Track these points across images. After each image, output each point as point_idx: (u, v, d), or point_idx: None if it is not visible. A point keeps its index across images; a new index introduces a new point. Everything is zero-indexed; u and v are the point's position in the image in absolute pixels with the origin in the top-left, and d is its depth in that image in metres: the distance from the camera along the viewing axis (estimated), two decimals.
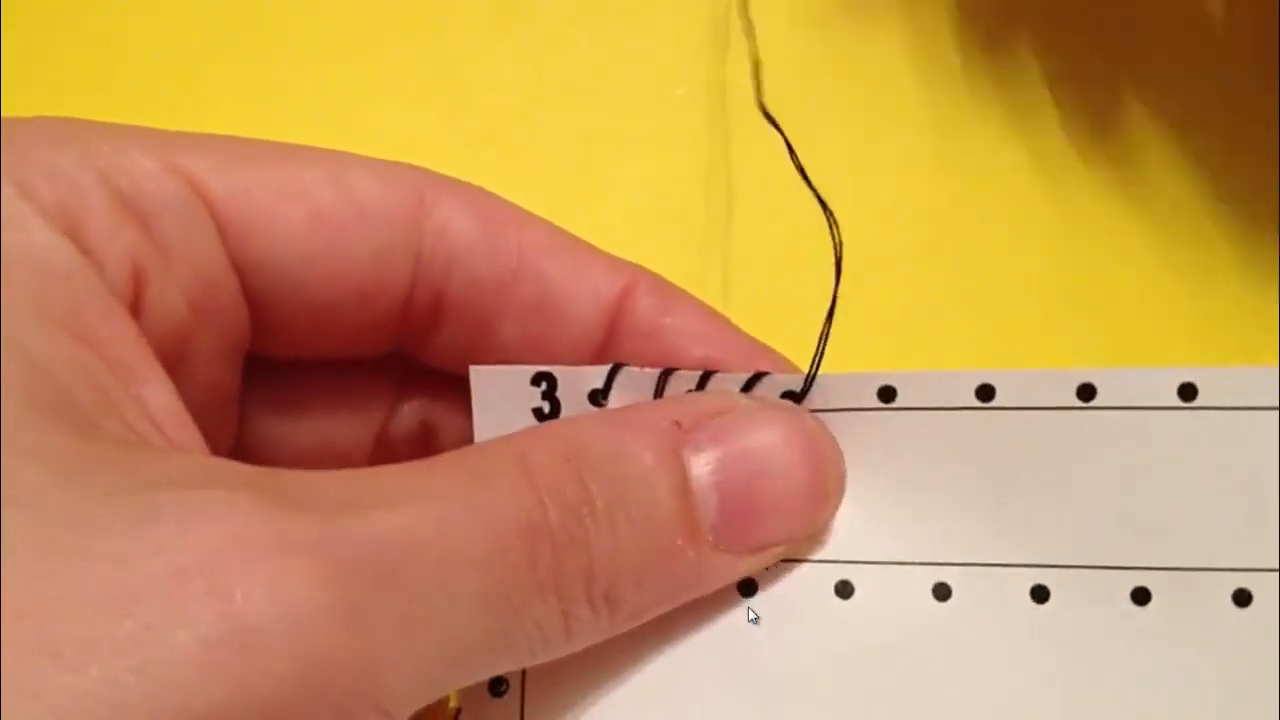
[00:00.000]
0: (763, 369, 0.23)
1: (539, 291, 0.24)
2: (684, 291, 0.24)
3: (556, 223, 0.25)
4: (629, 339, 0.24)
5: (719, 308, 0.25)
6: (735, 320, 0.25)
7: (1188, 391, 0.22)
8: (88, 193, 0.21)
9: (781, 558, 0.23)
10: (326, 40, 0.35)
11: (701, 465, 0.22)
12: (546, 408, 0.23)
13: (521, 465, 0.20)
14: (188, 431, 0.20)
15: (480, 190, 0.24)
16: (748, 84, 0.33)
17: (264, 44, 0.35)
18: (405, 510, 0.19)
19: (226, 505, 0.17)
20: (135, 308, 0.21)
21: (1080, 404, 0.22)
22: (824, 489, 0.23)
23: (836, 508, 0.23)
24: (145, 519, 0.17)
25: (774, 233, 0.32)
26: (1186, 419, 0.22)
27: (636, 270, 0.24)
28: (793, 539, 0.22)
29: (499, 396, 0.23)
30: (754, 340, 0.24)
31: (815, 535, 0.23)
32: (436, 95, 0.34)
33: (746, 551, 0.22)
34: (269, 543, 0.17)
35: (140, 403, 0.20)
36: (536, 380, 0.23)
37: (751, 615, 0.22)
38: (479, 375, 0.23)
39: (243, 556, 0.17)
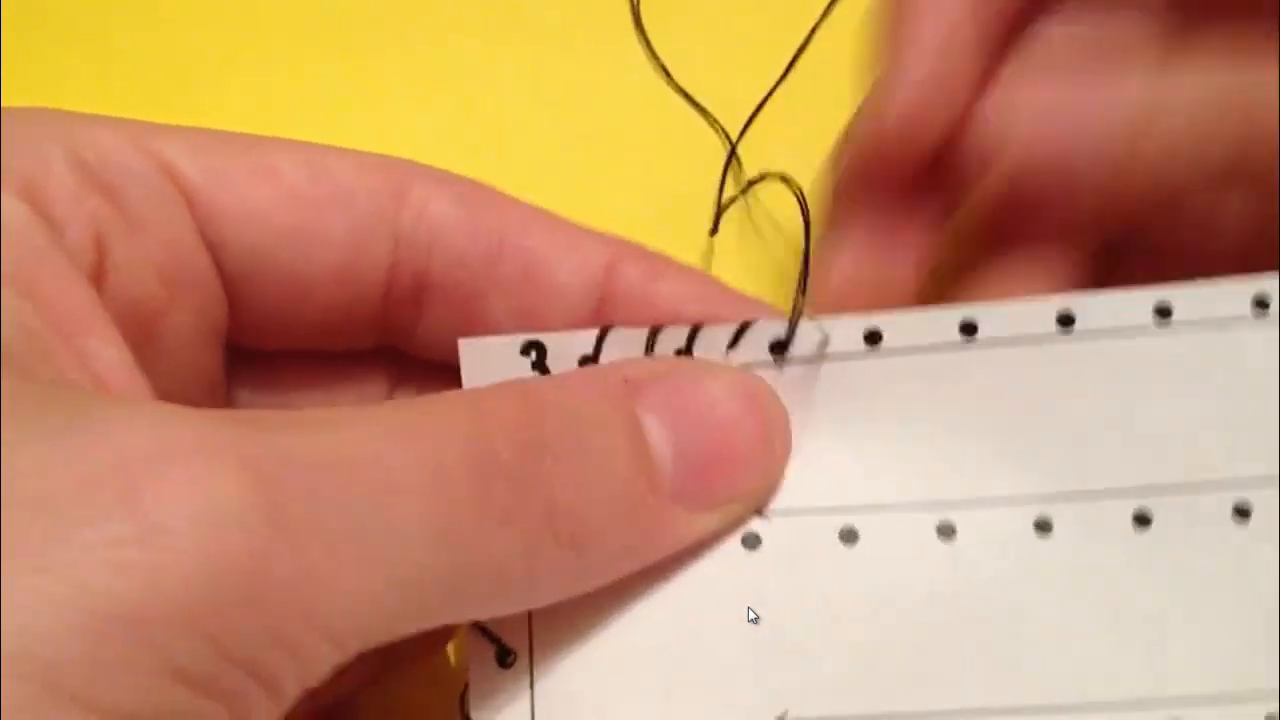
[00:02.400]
0: (756, 319, 0.23)
1: (524, 266, 0.24)
2: (670, 258, 0.25)
3: None
4: (621, 307, 0.24)
5: None
6: None
7: (1163, 311, 0.22)
8: (51, 161, 0.21)
9: (738, 516, 0.23)
10: (326, 42, 0.35)
11: (654, 421, 0.22)
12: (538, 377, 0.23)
13: (472, 406, 0.20)
14: (135, 384, 0.20)
15: (456, 175, 0.24)
16: (748, 89, 0.34)
17: (264, 45, 0.35)
18: (339, 432, 0.19)
19: (148, 416, 0.17)
20: (97, 274, 0.21)
21: (1060, 332, 0.22)
22: (771, 444, 0.23)
23: (785, 463, 0.23)
24: (63, 431, 0.17)
25: (773, 233, 0.33)
26: (1166, 338, 0.22)
27: (621, 243, 0.24)
28: (747, 495, 0.23)
29: (489, 367, 0.23)
30: (745, 297, 0.24)
31: (801, 484, 0.23)
32: (436, 98, 0.35)
33: (703, 508, 0.22)
34: (188, 446, 0.17)
35: (81, 354, 0.20)
36: (526, 350, 0.23)
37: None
38: (468, 346, 0.23)
39: (159, 459, 0.17)
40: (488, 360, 0.23)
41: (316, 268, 0.23)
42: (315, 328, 0.24)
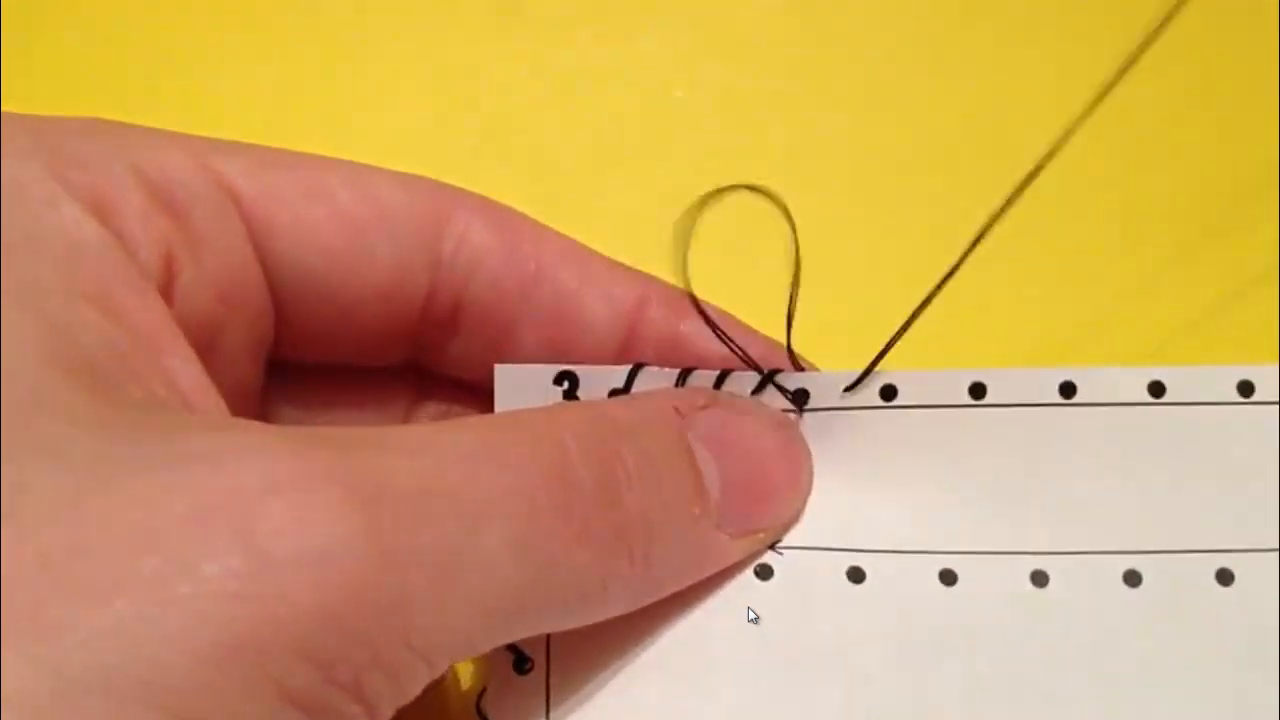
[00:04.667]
0: (781, 367, 0.25)
1: (557, 299, 0.25)
2: (696, 298, 0.25)
3: (555, 224, 0.25)
4: (647, 346, 0.25)
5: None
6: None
7: (1157, 389, 0.24)
8: (121, 181, 0.21)
9: (762, 545, 0.24)
10: (326, 41, 0.35)
11: (702, 449, 0.23)
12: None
13: (550, 424, 0.21)
14: (214, 403, 0.21)
15: (496, 203, 0.25)
16: (747, 85, 0.34)
17: (264, 44, 0.35)
18: (432, 457, 0.19)
19: (250, 446, 0.18)
20: (167, 293, 0.21)
21: (1062, 400, 0.24)
22: (800, 478, 0.24)
23: (807, 498, 0.24)
24: (169, 461, 0.17)
25: (769, 232, 0.33)
26: (1160, 413, 0.24)
27: (650, 279, 0.25)
28: (777, 525, 0.24)
29: (522, 394, 0.24)
30: (769, 340, 0.25)
31: (813, 525, 0.24)
32: (436, 96, 0.35)
33: (741, 534, 0.24)
34: (294, 477, 0.18)
35: (166, 373, 0.20)
36: (559, 379, 0.24)
37: (751, 615, 0.24)
38: (503, 373, 0.24)
39: (267, 491, 0.17)
40: (521, 386, 0.24)
41: (362, 288, 0.24)
42: (353, 344, 0.25)
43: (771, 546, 0.24)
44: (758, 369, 0.25)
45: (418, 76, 0.35)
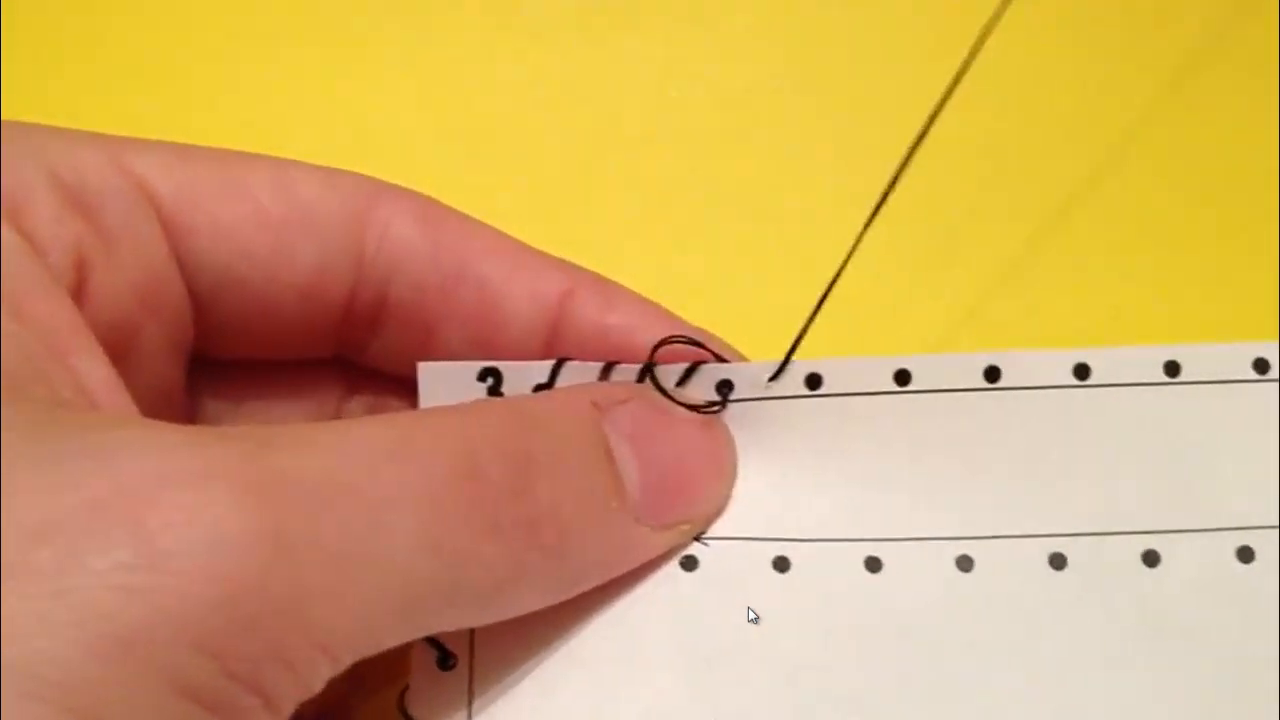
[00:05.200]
0: (705, 358, 0.25)
1: (480, 294, 0.25)
2: (625, 289, 0.26)
3: (549, 224, 0.25)
4: (573, 339, 0.25)
5: (712, 307, 0.26)
6: (732, 320, 0.26)
7: (1082, 371, 0.24)
8: (32, 183, 0.21)
9: (686, 537, 0.24)
10: (322, 44, 0.35)
11: (620, 443, 0.23)
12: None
13: (460, 420, 0.21)
14: (122, 403, 0.21)
15: (422, 196, 0.25)
16: (740, 84, 0.34)
17: (263, 44, 0.35)
18: (333, 452, 0.19)
19: (146, 442, 0.18)
20: (79, 294, 0.21)
21: (987, 385, 0.24)
22: (722, 472, 0.24)
23: (732, 490, 0.24)
24: (65, 457, 0.17)
25: (768, 233, 0.33)
26: (1084, 395, 0.24)
27: (577, 271, 0.25)
28: (699, 517, 0.24)
29: (446, 391, 0.24)
30: (697, 330, 0.25)
31: (739, 515, 0.24)
32: (431, 96, 0.35)
33: (662, 527, 0.24)
34: (188, 472, 0.18)
35: (73, 374, 0.20)
36: (483, 376, 0.24)
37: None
38: (427, 371, 0.24)
39: (160, 485, 0.17)
40: (445, 384, 0.24)
41: (282, 286, 0.24)
42: (276, 341, 0.25)
43: (697, 538, 0.24)
44: (682, 362, 0.24)
45: (412, 78, 0.35)
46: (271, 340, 0.25)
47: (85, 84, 0.34)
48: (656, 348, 0.24)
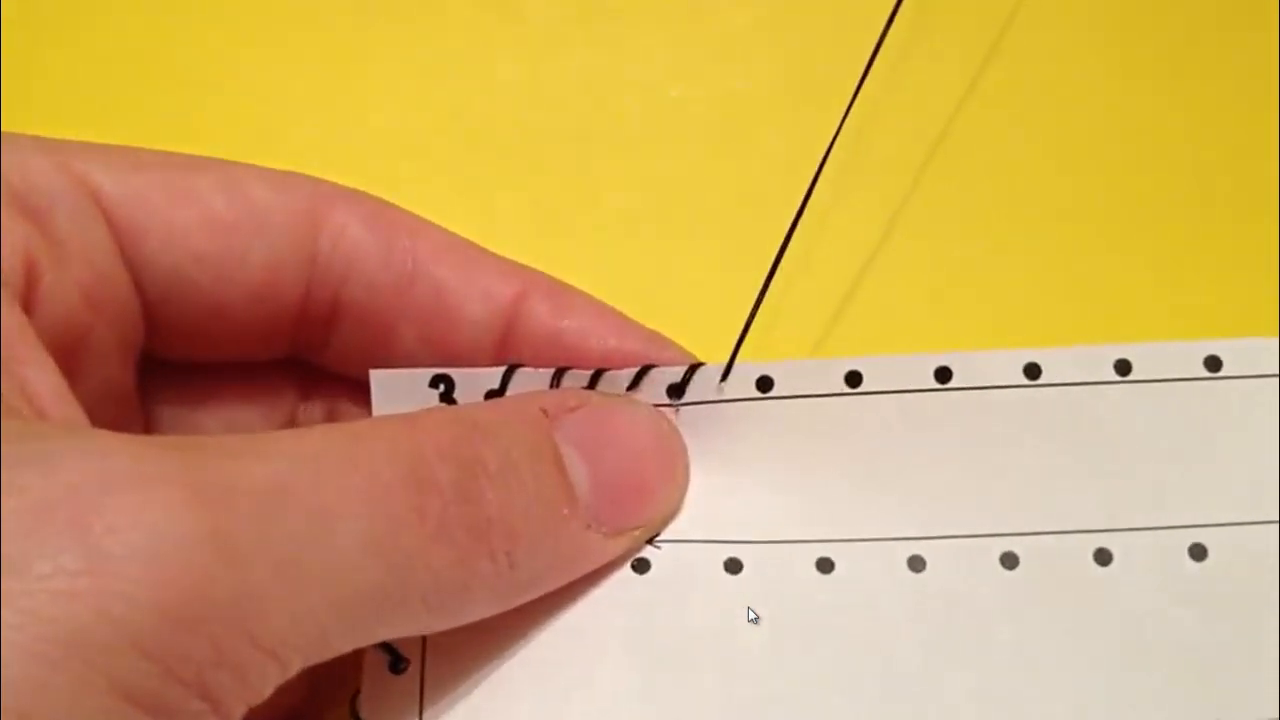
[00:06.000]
0: (657, 361, 0.25)
1: (433, 296, 0.25)
2: (580, 292, 0.26)
3: (550, 224, 0.26)
4: (526, 342, 0.25)
5: (709, 308, 0.26)
6: (728, 318, 0.25)
7: (1033, 370, 0.24)
8: None
9: (639, 542, 0.24)
10: (324, 42, 0.35)
11: (570, 450, 0.23)
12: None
13: (407, 429, 0.21)
14: (70, 411, 0.21)
15: (374, 199, 0.25)
16: (741, 84, 0.34)
17: (262, 45, 0.35)
18: (280, 459, 0.19)
19: (92, 447, 0.18)
20: (29, 297, 0.21)
21: (938, 386, 0.24)
22: (675, 474, 0.24)
23: (685, 493, 0.25)
24: (10, 462, 0.17)
25: (767, 233, 0.33)
26: (1035, 395, 0.24)
27: (531, 274, 0.25)
28: (652, 521, 0.24)
29: (398, 398, 0.24)
30: (651, 333, 0.25)
31: (691, 518, 0.24)
32: (432, 96, 0.34)
33: (615, 532, 0.24)
34: (134, 475, 0.18)
35: (19, 381, 0.20)
36: (435, 382, 0.24)
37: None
38: (379, 378, 0.24)
39: (104, 490, 0.17)
40: (398, 391, 0.24)
41: (233, 290, 0.24)
42: (229, 342, 0.25)
43: (649, 541, 0.24)
44: (632, 366, 0.25)
45: (414, 78, 0.35)
46: (225, 342, 0.25)
47: (85, 83, 0.34)
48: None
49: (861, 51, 0.28)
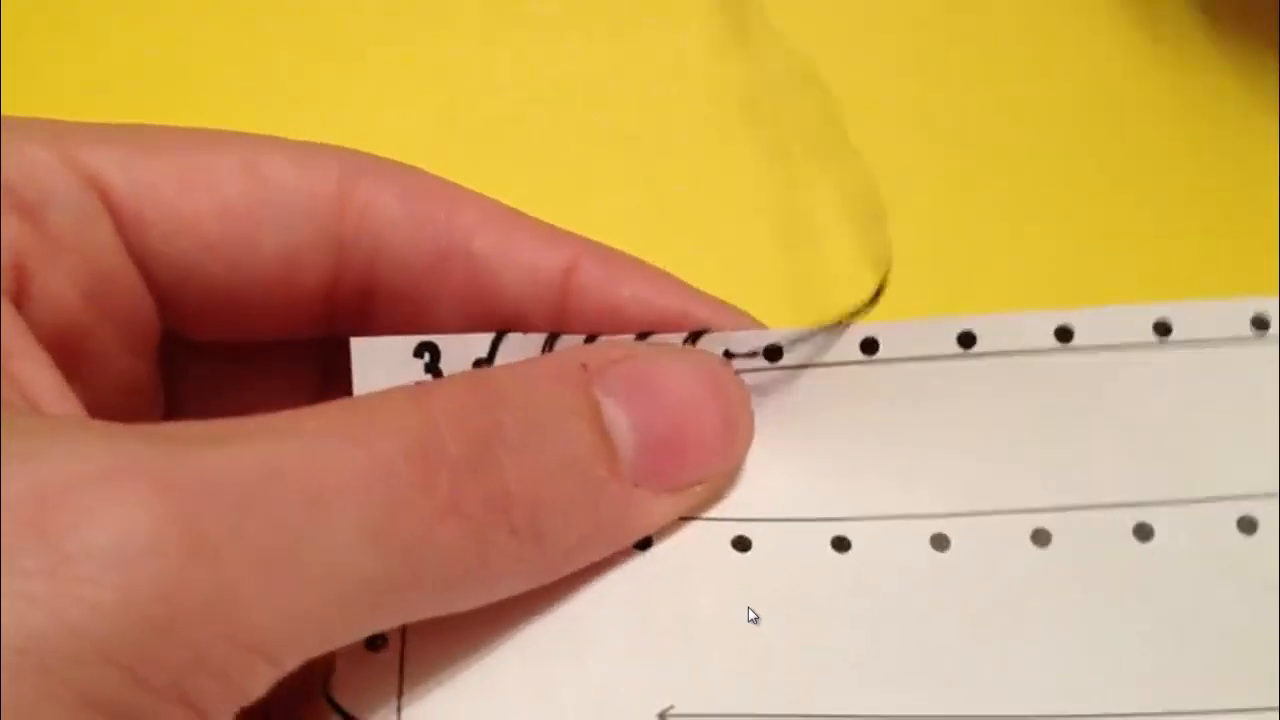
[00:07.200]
0: (726, 327, 0.23)
1: (471, 272, 0.23)
2: (633, 258, 0.24)
3: (551, 222, 0.24)
4: (582, 315, 0.23)
5: None
6: None
7: (1064, 334, 0.23)
8: None
9: (701, 499, 0.23)
10: (323, 41, 0.35)
11: (614, 405, 0.22)
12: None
13: (415, 399, 0.20)
14: (70, 407, 0.20)
15: (409, 169, 0.24)
16: (741, 83, 0.34)
17: (262, 44, 0.35)
18: (268, 443, 0.18)
19: (66, 443, 0.17)
20: (21, 298, 0.21)
21: (961, 351, 0.23)
22: (734, 427, 0.23)
23: (747, 448, 0.23)
24: None
25: (766, 233, 0.33)
26: (1067, 360, 0.23)
27: (580, 242, 0.24)
28: (709, 478, 0.23)
29: (381, 369, 0.23)
30: (717, 301, 0.24)
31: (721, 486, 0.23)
32: (432, 95, 0.34)
33: (665, 491, 0.22)
34: (101, 472, 0.17)
35: (16, 378, 0.20)
36: (419, 351, 0.23)
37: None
38: (360, 347, 0.23)
39: (68, 487, 0.17)
40: (379, 361, 0.23)
41: (250, 276, 0.23)
42: (253, 326, 0.24)
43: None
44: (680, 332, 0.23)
45: (413, 76, 0.35)
46: (249, 325, 0.24)
47: (85, 83, 0.34)
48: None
49: (860, 50, 0.28)
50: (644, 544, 0.23)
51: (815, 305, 0.31)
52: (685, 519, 0.23)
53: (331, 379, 0.25)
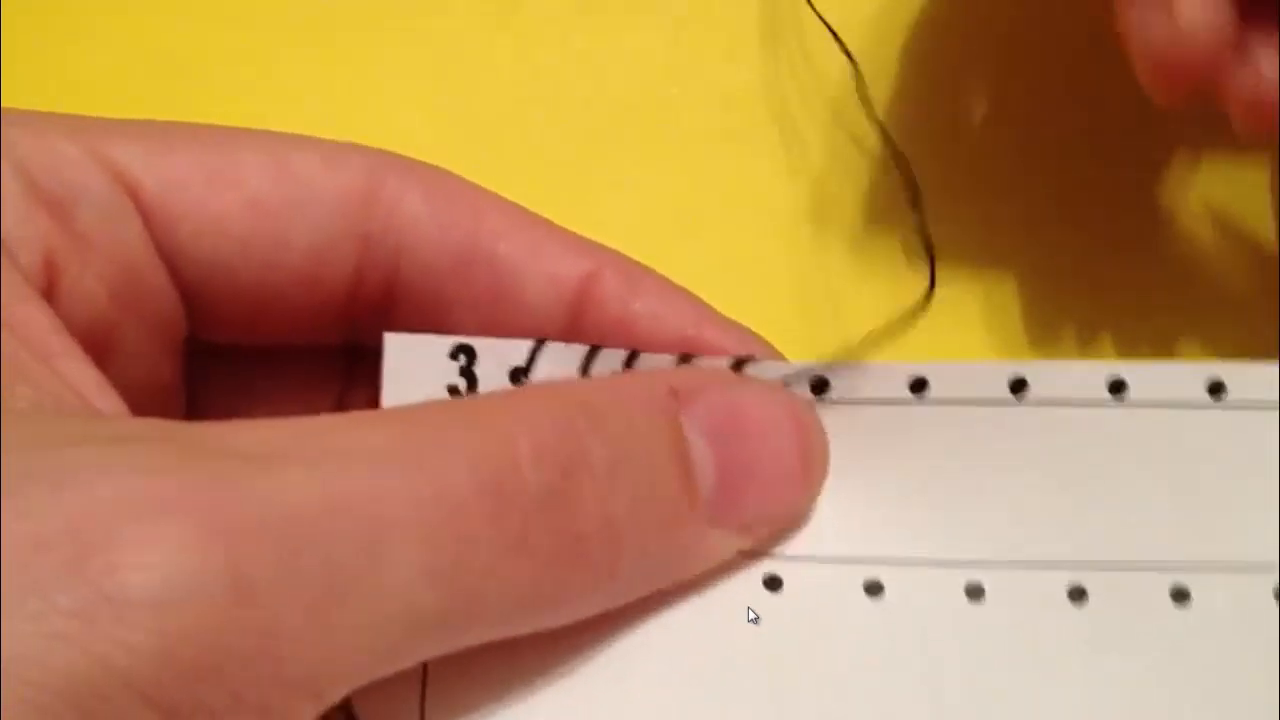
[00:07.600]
0: (744, 354, 0.23)
1: (494, 277, 0.23)
2: (654, 272, 0.24)
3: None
4: (597, 326, 0.23)
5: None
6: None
7: (1117, 386, 0.22)
8: (2, 179, 0.20)
9: (767, 538, 0.22)
10: (325, 39, 0.35)
11: (698, 435, 0.21)
12: (463, 385, 0.22)
13: (501, 415, 0.19)
14: (113, 403, 0.19)
15: (436, 170, 0.24)
16: (741, 83, 0.34)
17: (263, 43, 0.35)
18: (329, 468, 0.17)
19: (105, 465, 0.16)
20: (49, 296, 0.20)
21: (1012, 399, 0.22)
22: (811, 470, 0.22)
23: (819, 491, 0.22)
24: (18, 480, 0.16)
25: (766, 233, 0.32)
26: (1116, 415, 0.22)
27: (602, 252, 0.23)
28: (782, 519, 0.22)
29: (413, 368, 0.22)
30: (733, 322, 0.23)
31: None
32: (432, 94, 0.34)
33: (737, 528, 0.22)
34: (147, 504, 0.16)
35: (60, 375, 0.19)
36: (455, 354, 0.22)
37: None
38: (394, 342, 0.22)
39: (113, 520, 0.16)
40: (413, 359, 0.22)
41: (276, 273, 0.23)
42: (277, 327, 0.24)
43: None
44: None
45: (413, 75, 0.34)
46: (272, 327, 0.23)
47: (84, 83, 0.34)
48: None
49: (856, 50, 0.28)
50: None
51: (826, 311, 0.31)
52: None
53: (351, 385, 0.25)
